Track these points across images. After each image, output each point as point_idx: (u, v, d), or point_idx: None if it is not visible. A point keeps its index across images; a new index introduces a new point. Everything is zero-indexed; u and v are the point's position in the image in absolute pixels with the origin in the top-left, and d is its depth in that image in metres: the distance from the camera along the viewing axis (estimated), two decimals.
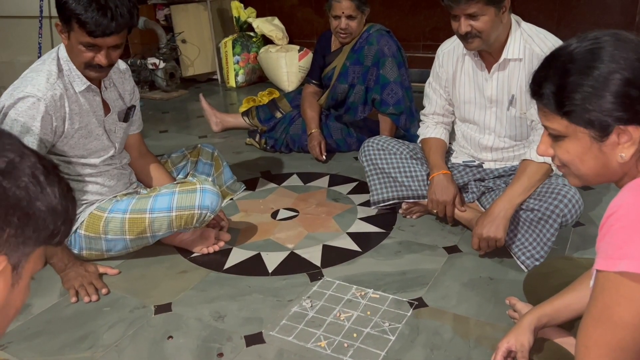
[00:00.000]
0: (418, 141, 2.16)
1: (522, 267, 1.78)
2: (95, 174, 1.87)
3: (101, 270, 1.85)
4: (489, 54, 1.86)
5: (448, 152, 2.15)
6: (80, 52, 1.63)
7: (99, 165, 1.86)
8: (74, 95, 1.73)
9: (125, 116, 1.92)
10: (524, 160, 1.84)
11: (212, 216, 1.87)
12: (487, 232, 1.75)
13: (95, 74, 1.70)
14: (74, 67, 1.70)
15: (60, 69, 1.70)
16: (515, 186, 1.78)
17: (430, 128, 2.09)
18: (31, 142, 1.63)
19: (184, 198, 1.83)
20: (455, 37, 1.96)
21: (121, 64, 1.94)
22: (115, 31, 1.59)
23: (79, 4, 1.55)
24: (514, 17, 1.84)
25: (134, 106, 1.96)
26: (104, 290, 1.77)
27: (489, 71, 1.90)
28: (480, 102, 1.95)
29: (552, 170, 1.80)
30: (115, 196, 1.91)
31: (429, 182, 2.03)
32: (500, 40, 1.82)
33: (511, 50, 1.82)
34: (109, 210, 1.82)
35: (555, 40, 1.80)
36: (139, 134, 2.08)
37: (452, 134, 2.15)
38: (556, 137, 0.95)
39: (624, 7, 3.48)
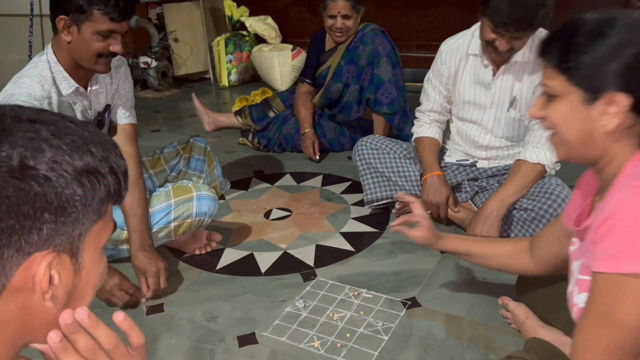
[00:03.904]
0: (412, 140, 2.15)
1: None
2: None
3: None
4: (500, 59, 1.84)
5: (441, 151, 2.14)
6: (94, 42, 1.57)
7: None
8: (63, 99, 1.66)
9: (98, 122, 1.77)
10: (518, 160, 1.84)
11: (210, 220, 1.88)
12: (480, 231, 1.75)
13: (105, 67, 1.64)
14: (62, 69, 1.64)
15: (52, 73, 1.64)
16: (509, 186, 1.79)
17: (424, 127, 2.09)
18: None
19: (181, 208, 1.81)
20: (459, 35, 1.96)
21: (114, 60, 1.81)
22: (132, 14, 1.60)
23: None
24: None
25: (108, 106, 1.80)
26: (130, 291, 1.67)
27: (494, 72, 1.88)
28: (480, 102, 1.95)
29: (545, 171, 1.81)
30: None
31: (422, 182, 2.03)
32: None
33: (521, 52, 1.80)
34: None
35: None
36: (123, 127, 1.85)
37: (445, 132, 2.15)
38: (550, 97, 0.98)
39: (616, 7, 3.50)
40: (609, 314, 0.86)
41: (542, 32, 1.82)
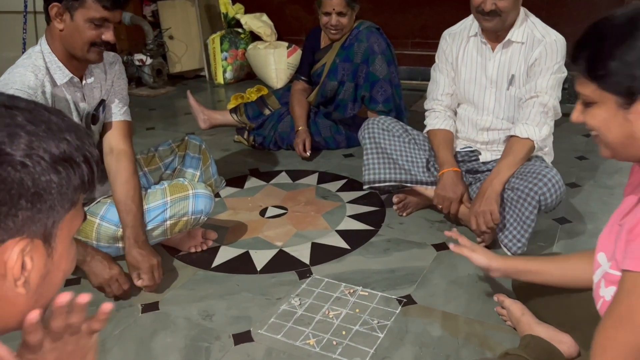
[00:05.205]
0: (425, 131, 2.13)
1: (506, 251, 1.80)
2: None
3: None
4: (496, 35, 1.92)
5: None
6: (87, 30, 1.57)
7: None
8: (57, 89, 1.67)
9: (93, 117, 1.76)
10: (509, 137, 1.90)
11: (206, 218, 1.87)
12: (481, 207, 1.78)
13: (97, 56, 1.64)
14: (56, 59, 1.64)
15: (45, 63, 1.65)
16: (502, 163, 1.85)
17: (439, 119, 2.07)
18: None
19: (177, 206, 1.81)
20: (459, 24, 2.04)
21: (109, 56, 1.83)
22: (125, 4, 1.60)
23: None
24: (522, 8, 1.92)
25: (103, 101, 1.79)
26: (125, 286, 1.69)
27: (493, 50, 1.96)
28: (481, 82, 2.00)
29: (534, 147, 1.86)
30: (99, 201, 1.83)
31: (437, 177, 2.02)
32: (510, 23, 1.89)
33: (516, 33, 1.90)
34: (101, 217, 1.77)
35: (556, 34, 1.89)
36: (117, 124, 1.83)
37: None
38: (587, 104, 0.96)
39: (611, 6, 3.51)
40: (632, 316, 0.85)
41: (536, 20, 1.91)
